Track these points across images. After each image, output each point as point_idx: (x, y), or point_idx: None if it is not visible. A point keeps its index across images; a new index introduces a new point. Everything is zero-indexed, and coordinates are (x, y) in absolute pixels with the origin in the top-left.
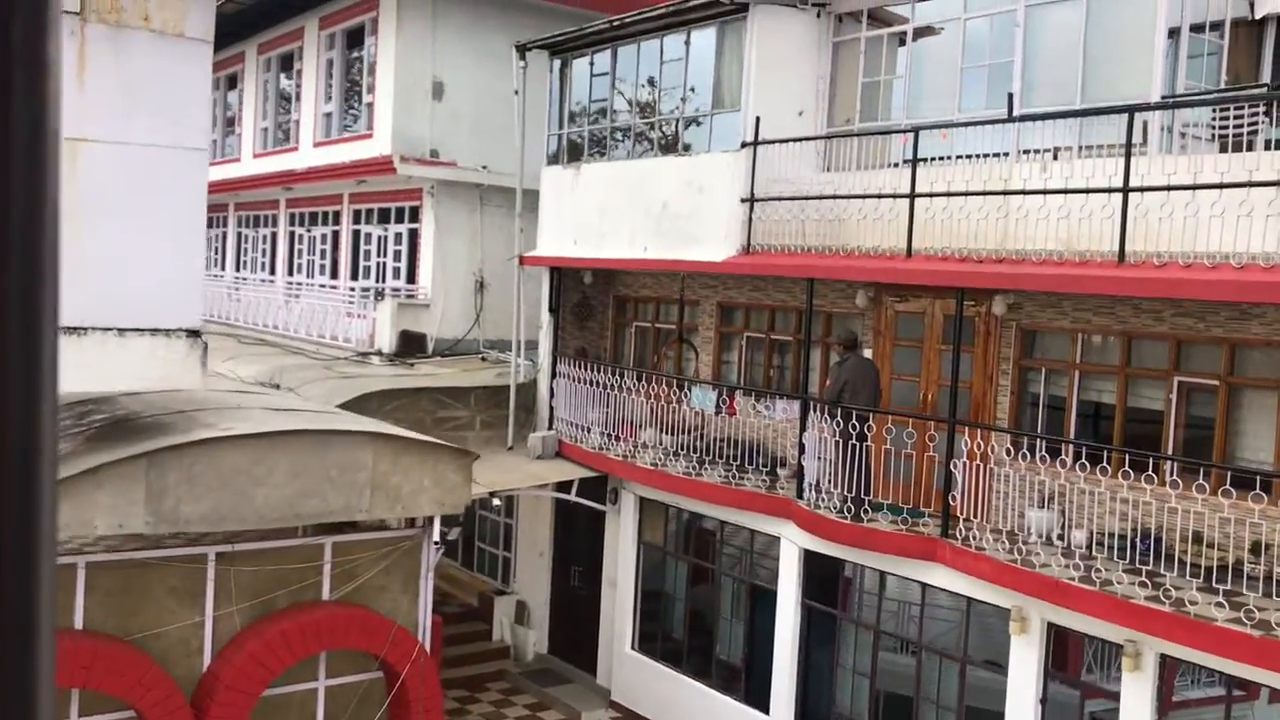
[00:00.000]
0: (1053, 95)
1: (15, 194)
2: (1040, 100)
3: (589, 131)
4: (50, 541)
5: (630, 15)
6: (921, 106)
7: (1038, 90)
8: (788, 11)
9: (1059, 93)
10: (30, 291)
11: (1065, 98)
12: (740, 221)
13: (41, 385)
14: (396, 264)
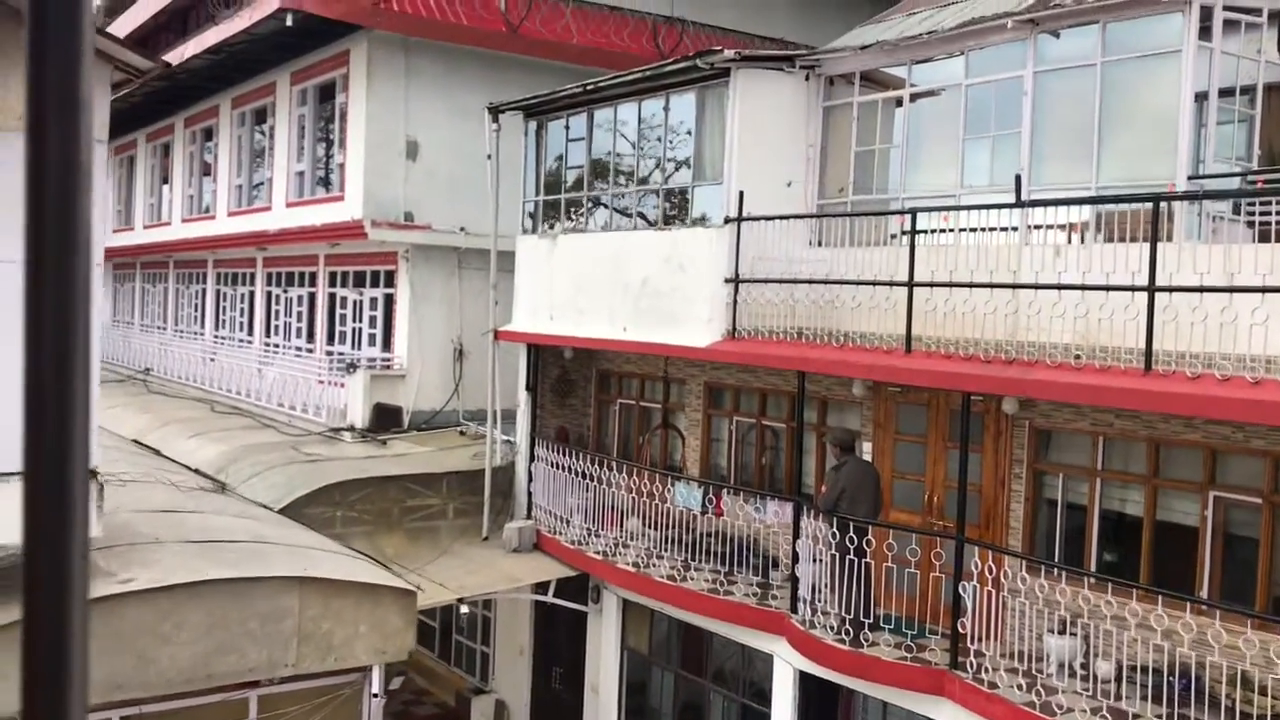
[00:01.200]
0: (1066, 170)
1: (49, 227)
2: (1052, 175)
3: (565, 200)
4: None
5: (605, 79)
6: (920, 178)
7: (1049, 164)
8: (773, 74)
9: (1072, 168)
10: (65, 320)
11: (1079, 174)
12: (725, 303)
13: (74, 401)
14: (372, 330)
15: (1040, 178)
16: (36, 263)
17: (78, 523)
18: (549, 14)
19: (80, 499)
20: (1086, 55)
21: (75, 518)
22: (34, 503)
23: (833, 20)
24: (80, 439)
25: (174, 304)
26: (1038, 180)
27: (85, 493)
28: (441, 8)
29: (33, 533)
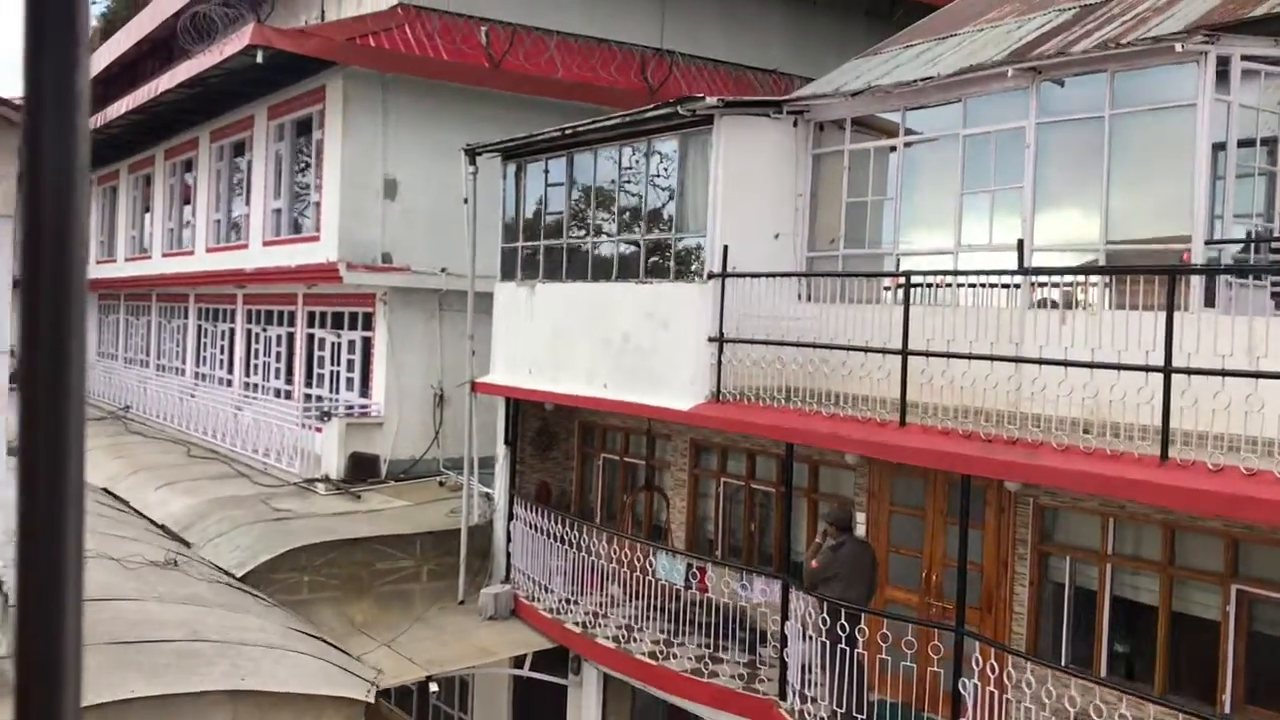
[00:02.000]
0: (1071, 229)
1: (47, 225)
2: (1056, 232)
3: (544, 247)
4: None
5: (584, 124)
6: (915, 232)
7: (1053, 222)
8: (760, 121)
9: (1079, 226)
10: (61, 312)
11: (1086, 232)
12: (709, 363)
13: (69, 407)
14: (350, 374)
15: (1044, 235)
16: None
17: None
18: (533, 48)
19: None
20: (1093, 107)
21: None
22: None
23: (828, 51)
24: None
25: (156, 338)
26: (1041, 237)
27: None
28: (421, 43)
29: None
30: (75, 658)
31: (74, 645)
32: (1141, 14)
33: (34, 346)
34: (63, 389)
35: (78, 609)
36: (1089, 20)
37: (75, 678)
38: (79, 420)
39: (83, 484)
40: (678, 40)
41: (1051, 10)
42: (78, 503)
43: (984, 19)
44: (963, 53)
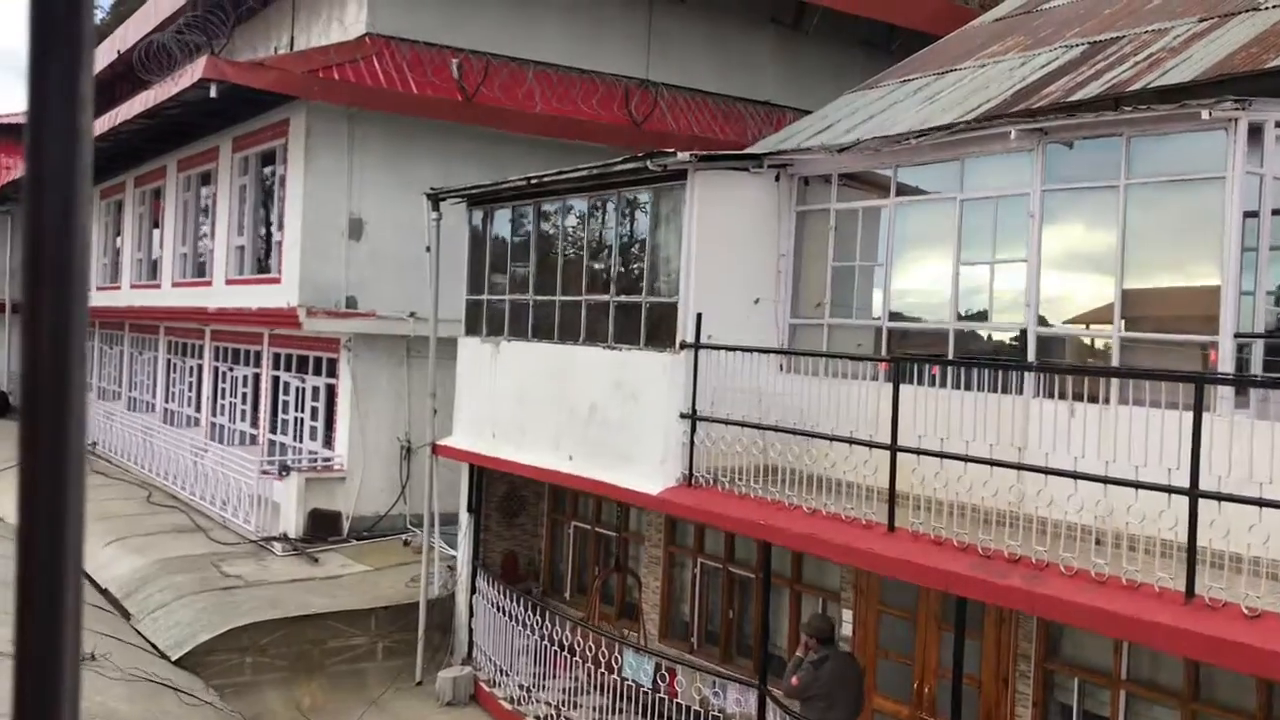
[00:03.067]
0: (1082, 305)
1: (50, 223)
2: (1065, 312)
3: (510, 302)
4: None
5: (549, 174)
6: (909, 301)
7: (1062, 301)
8: (738, 176)
9: (1090, 309)
10: (62, 310)
11: (1098, 315)
12: (680, 442)
13: (70, 403)
14: (314, 423)
15: (1052, 315)
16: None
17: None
18: (510, 79)
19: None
20: (1106, 174)
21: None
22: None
23: (823, 81)
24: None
25: (129, 370)
26: (1048, 317)
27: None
28: (389, 75)
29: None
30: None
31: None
32: (1155, 55)
33: (36, 347)
34: (66, 379)
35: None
36: (1098, 59)
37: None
38: (80, 426)
39: (82, 509)
40: (664, 71)
41: (1058, 45)
42: (77, 525)
43: (986, 53)
44: (962, 91)
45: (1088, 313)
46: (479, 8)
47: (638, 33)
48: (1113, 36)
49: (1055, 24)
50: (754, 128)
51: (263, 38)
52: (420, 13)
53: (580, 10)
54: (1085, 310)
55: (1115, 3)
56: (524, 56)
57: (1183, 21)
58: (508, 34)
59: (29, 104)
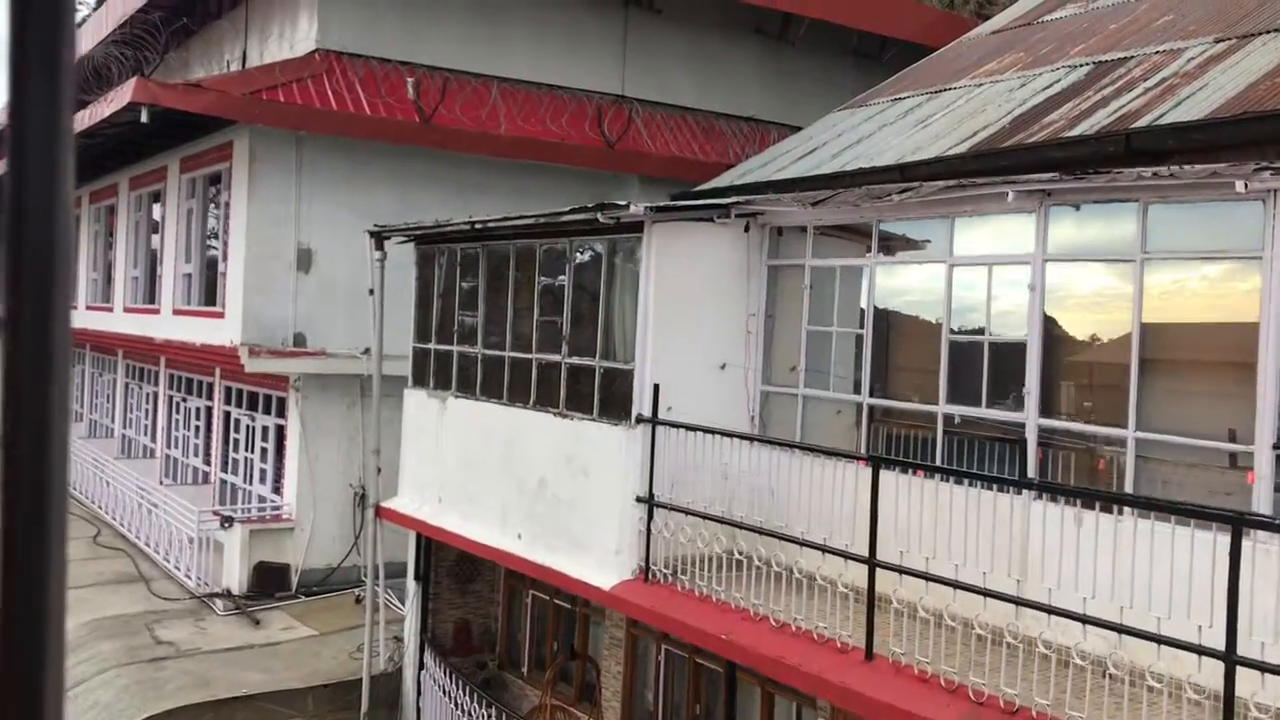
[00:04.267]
0: (1089, 404)
1: (31, 192)
2: (1070, 404)
3: (457, 353)
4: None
5: (494, 219)
6: (894, 377)
7: (1066, 392)
8: (702, 227)
9: (1099, 402)
10: (43, 284)
11: (1109, 411)
12: (636, 529)
13: (51, 389)
14: (263, 465)
15: (1052, 405)
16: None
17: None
18: (471, 98)
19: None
20: (1119, 246)
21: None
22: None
23: (811, 94)
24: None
25: (89, 391)
26: (1048, 409)
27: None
28: (339, 94)
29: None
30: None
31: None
32: (1168, 80)
33: (18, 323)
34: (47, 356)
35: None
36: (1104, 83)
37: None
38: (64, 411)
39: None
40: (641, 85)
41: (1060, 65)
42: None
43: (983, 70)
44: (956, 114)
45: (1099, 404)
46: (440, 21)
47: (612, 46)
48: (1120, 57)
49: (1057, 39)
50: (737, 145)
51: (217, 49)
52: (376, 27)
53: (550, 23)
54: (1096, 401)
55: (1121, 17)
56: (489, 73)
57: (1197, 42)
58: (471, 49)
59: (10, 76)
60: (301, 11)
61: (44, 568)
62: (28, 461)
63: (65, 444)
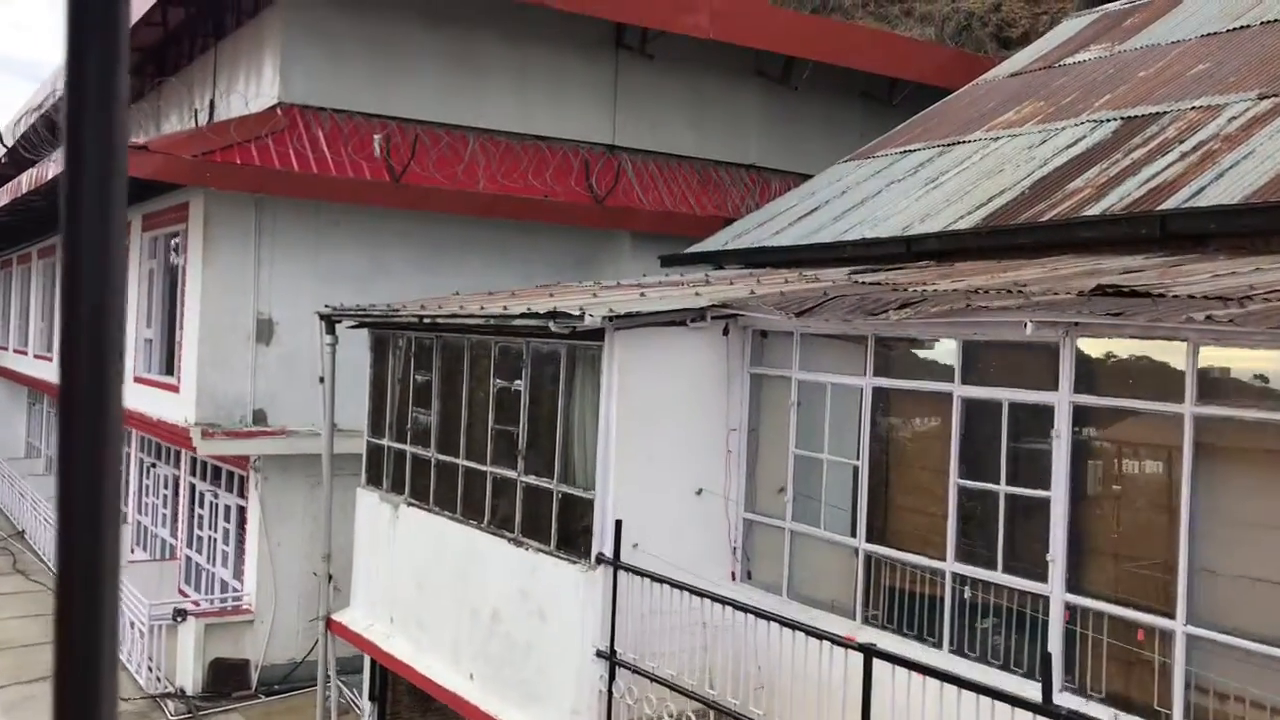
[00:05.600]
0: (1126, 584)
1: (87, 222)
2: (1102, 581)
3: (411, 456)
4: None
5: (444, 313)
6: (895, 520)
7: (1097, 561)
8: (674, 332)
9: (1149, 578)
10: (100, 302)
11: (1146, 591)
12: (596, 689)
13: (109, 397)
14: (225, 546)
15: (1083, 578)
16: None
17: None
18: (447, 152)
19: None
20: (1166, 390)
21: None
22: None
23: (816, 138)
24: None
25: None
26: (1077, 583)
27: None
28: (301, 154)
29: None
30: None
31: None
32: (1207, 144)
33: (74, 339)
34: (101, 375)
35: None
36: (1134, 143)
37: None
38: (117, 411)
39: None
40: (633, 134)
41: (1085, 119)
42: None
43: (999, 121)
44: (970, 174)
45: (1146, 579)
46: (414, 70)
47: (602, 92)
48: (1151, 112)
49: (1080, 87)
50: (736, 195)
51: (187, 95)
52: (344, 78)
53: (535, 69)
54: (1143, 577)
55: (1151, 63)
56: (467, 124)
57: (1238, 98)
58: (449, 99)
59: (66, 102)
60: (266, 62)
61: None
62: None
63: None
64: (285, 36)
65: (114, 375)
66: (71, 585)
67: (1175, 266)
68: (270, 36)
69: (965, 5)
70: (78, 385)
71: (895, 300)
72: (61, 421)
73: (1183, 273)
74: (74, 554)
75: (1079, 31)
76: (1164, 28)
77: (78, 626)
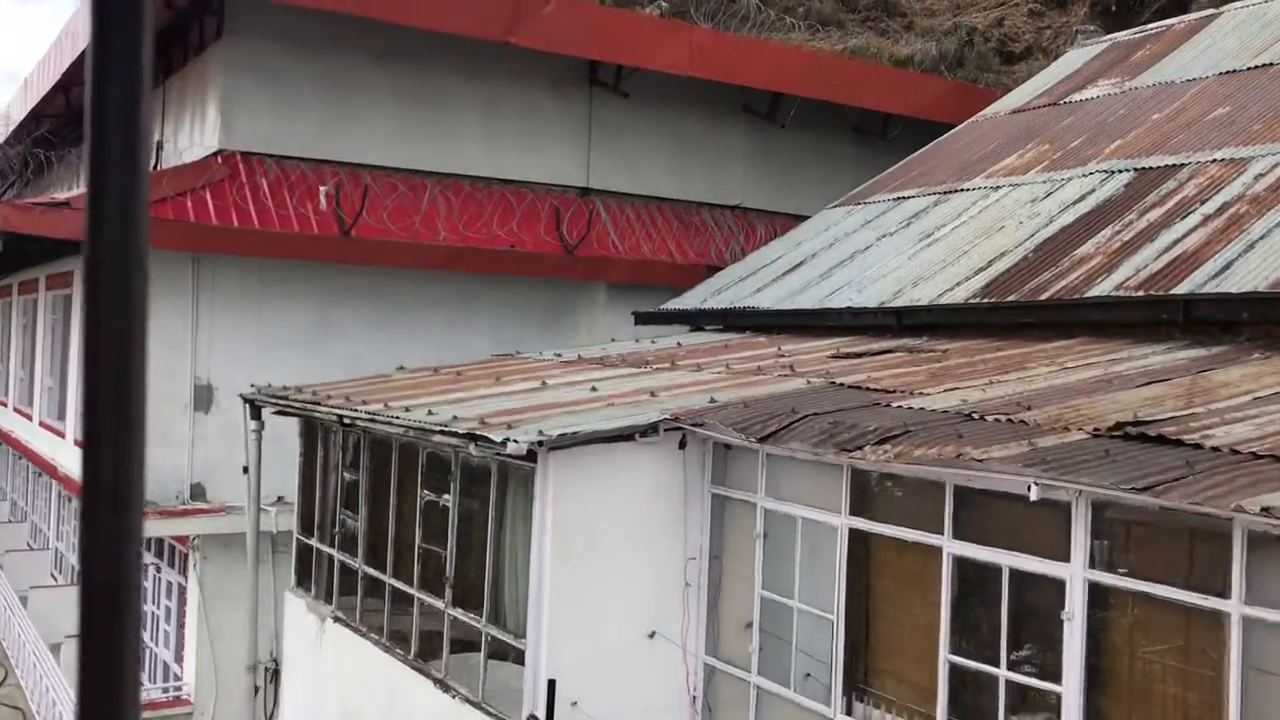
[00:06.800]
0: None
1: (109, 251)
2: None
3: (339, 562)
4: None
5: (364, 414)
6: (877, 686)
7: None
8: (619, 450)
9: None
10: (126, 324)
11: None
12: None
13: (133, 416)
14: (168, 626)
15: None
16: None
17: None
18: (404, 200)
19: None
20: (1203, 577)
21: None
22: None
23: (807, 178)
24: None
25: (28, 490)
26: None
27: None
28: (242, 207)
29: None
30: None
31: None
32: (1232, 206)
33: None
34: (126, 381)
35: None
36: (1150, 200)
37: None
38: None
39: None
40: (608, 176)
41: (1094, 168)
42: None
43: (1001, 166)
44: (968, 230)
45: None
46: (370, 112)
47: (575, 131)
48: (1167, 164)
49: (1088, 129)
50: (721, 240)
51: None
52: (292, 121)
53: (503, 109)
54: None
55: (1165, 103)
56: (428, 168)
57: (1264, 150)
58: (408, 142)
59: (89, 128)
60: (209, 104)
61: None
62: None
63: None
64: (227, 77)
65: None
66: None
67: (1205, 373)
68: (213, 76)
69: (967, 20)
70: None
71: (873, 433)
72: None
73: (1215, 390)
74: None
75: (1086, 63)
76: (1178, 62)
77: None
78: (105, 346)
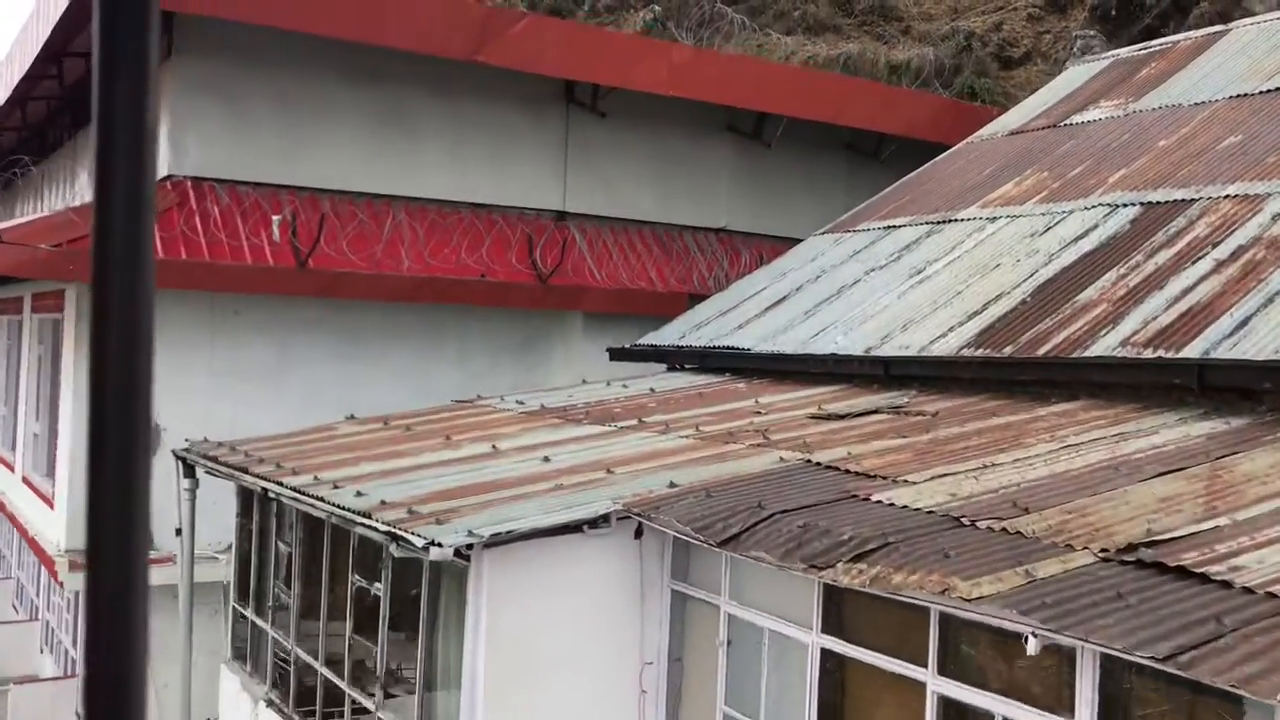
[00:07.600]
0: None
1: (115, 250)
2: None
3: (272, 640)
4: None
5: (289, 487)
6: None
7: None
8: (566, 543)
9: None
10: (131, 322)
11: None
12: None
13: (137, 431)
14: None
15: None
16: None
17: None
18: (365, 228)
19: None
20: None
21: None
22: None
23: (796, 199)
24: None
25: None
26: None
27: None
28: (189, 238)
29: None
30: None
31: None
32: (1249, 250)
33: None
34: (132, 393)
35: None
36: (1158, 239)
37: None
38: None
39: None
40: (585, 198)
41: (1096, 201)
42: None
43: (997, 195)
44: (961, 268)
45: None
46: (330, 134)
47: (550, 152)
48: (1176, 199)
49: (1091, 155)
50: (704, 264)
51: (73, 168)
52: (248, 144)
53: (474, 129)
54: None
55: (1172, 129)
56: (393, 192)
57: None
58: (372, 164)
59: (96, 126)
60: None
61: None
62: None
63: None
64: (176, 98)
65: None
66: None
67: (1225, 459)
68: (161, 98)
69: (965, 24)
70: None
71: (848, 544)
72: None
73: (1239, 487)
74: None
75: (1086, 82)
76: (1184, 84)
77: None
78: (113, 356)
